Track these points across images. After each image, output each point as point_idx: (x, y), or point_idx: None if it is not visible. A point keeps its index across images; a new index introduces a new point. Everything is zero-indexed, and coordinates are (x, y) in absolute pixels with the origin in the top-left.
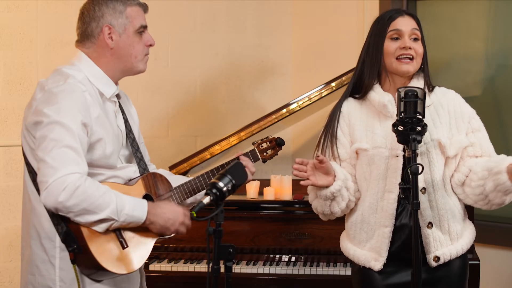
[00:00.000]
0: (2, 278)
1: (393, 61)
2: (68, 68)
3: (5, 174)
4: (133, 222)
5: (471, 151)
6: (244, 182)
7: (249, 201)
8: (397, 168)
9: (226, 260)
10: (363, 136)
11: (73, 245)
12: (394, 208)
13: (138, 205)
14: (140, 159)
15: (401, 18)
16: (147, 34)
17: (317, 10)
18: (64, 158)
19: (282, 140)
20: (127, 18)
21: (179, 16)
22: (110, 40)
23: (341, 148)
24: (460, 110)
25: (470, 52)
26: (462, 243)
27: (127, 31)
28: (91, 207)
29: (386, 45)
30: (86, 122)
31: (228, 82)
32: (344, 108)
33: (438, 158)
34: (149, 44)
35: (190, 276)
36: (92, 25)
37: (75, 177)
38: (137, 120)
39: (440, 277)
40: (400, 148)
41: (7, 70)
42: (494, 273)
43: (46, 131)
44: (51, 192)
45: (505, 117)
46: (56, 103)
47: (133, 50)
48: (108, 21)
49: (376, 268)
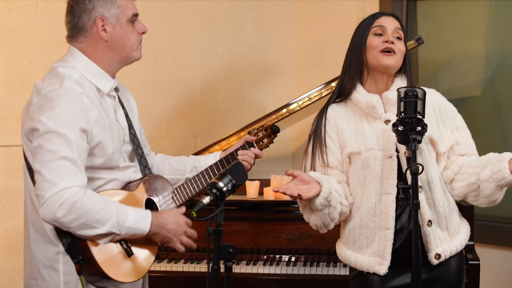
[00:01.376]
0: (2, 278)
1: (377, 55)
2: (63, 67)
3: (5, 174)
4: (136, 234)
5: (456, 149)
6: (244, 182)
7: (249, 201)
8: (392, 169)
9: (226, 260)
10: (354, 140)
11: (78, 256)
12: (394, 210)
13: (141, 218)
14: (141, 156)
15: (385, 17)
16: (139, 22)
17: (317, 10)
18: (61, 171)
19: (277, 127)
20: (119, 7)
21: (179, 16)
22: (104, 33)
23: (331, 156)
24: (444, 107)
25: (470, 52)
26: (460, 239)
27: (120, 21)
28: (90, 221)
29: (370, 40)
30: (85, 128)
31: (228, 82)
32: (329, 114)
33: (431, 155)
34: (142, 32)
35: (190, 276)
36: (83, 18)
37: (73, 191)
38: (136, 112)
39: (438, 276)
40: (393, 148)
41: (7, 70)
42: (494, 273)
43: (42, 140)
44: (48, 208)
45: (505, 117)
46: (52, 109)
47: (128, 40)
48: (100, 13)
49: (382, 272)
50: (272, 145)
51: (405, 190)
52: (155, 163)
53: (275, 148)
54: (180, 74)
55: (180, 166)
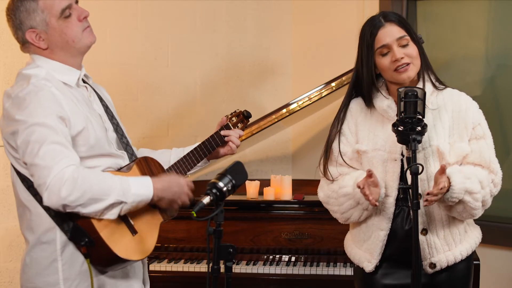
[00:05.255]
0: (2, 278)
1: (392, 74)
2: (27, 69)
3: (5, 174)
4: (142, 200)
5: (469, 159)
6: (244, 182)
7: (249, 201)
8: (394, 172)
9: (226, 260)
10: (365, 138)
11: (84, 238)
12: (392, 212)
13: (143, 183)
14: (126, 145)
15: (382, 30)
16: (75, 10)
17: (317, 10)
18: (54, 154)
19: (248, 112)
20: (43, 12)
21: (179, 16)
22: (42, 41)
23: (345, 145)
24: (465, 115)
25: (470, 52)
26: (462, 249)
27: (51, 23)
28: (96, 194)
29: (379, 62)
30: (62, 115)
31: (228, 82)
32: (353, 106)
33: (435, 164)
34: (82, 17)
35: (190, 276)
36: (18, 34)
37: (71, 169)
38: (110, 100)
39: (441, 282)
40: (398, 152)
41: (7, 70)
42: (494, 273)
43: (26, 136)
44: (52, 192)
45: (505, 117)
46: (26, 107)
47: (68, 36)
48: (28, 26)
49: (368, 269)
50: (272, 145)
51: (404, 190)
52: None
53: (275, 148)
54: (180, 74)
55: (165, 157)
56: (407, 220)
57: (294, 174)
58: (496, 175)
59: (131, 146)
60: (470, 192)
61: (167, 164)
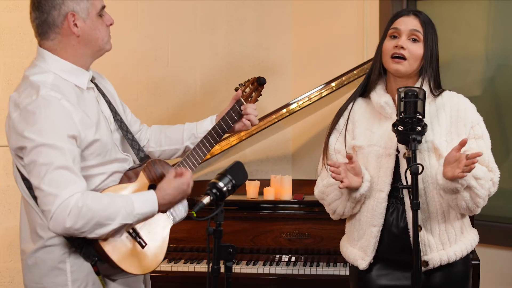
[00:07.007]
0: (2, 278)
1: (388, 60)
2: (34, 75)
3: (5, 174)
4: (148, 217)
5: None
6: (244, 182)
7: (249, 201)
8: (388, 168)
9: (226, 260)
10: (362, 134)
11: (94, 258)
12: (384, 208)
13: (147, 199)
14: (132, 140)
15: (404, 18)
16: (106, 14)
17: (317, 10)
18: (60, 181)
19: (263, 78)
20: (88, 1)
21: (179, 16)
22: (76, 28)
23: (341, 143)
24: (464, 115)
25: (470, 52)
26: (456, 249)
27: (91, 15)
28: (101, 220)
29: (385, 44)
30: (73, 133)
31: (228, 82)
32: (354, 107)
33: (431, 160)
34: (109, 23)
35: (190, 276)
36: (53, 13)
37: (76, 198)
38: (115, 94)
39: (437, 284)
40: (393, 147)
41: (7, 70)
42: (494, 273)
43: (33, 156)
44: (57, 221)
45: (505, 117)
46: (35, 123)
47: (99, 33)
48: (71, 8)
49: (361, 267)
50: (272, 145)
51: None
52: (151, 136)
53: (275, 148)
54: (180, 74)
55: (177, 135)
56: (401, 217)
57: (294, 174)
58: (495, 174)
59: (137, 141)
60: (476, 177)
61: (179, 142)
